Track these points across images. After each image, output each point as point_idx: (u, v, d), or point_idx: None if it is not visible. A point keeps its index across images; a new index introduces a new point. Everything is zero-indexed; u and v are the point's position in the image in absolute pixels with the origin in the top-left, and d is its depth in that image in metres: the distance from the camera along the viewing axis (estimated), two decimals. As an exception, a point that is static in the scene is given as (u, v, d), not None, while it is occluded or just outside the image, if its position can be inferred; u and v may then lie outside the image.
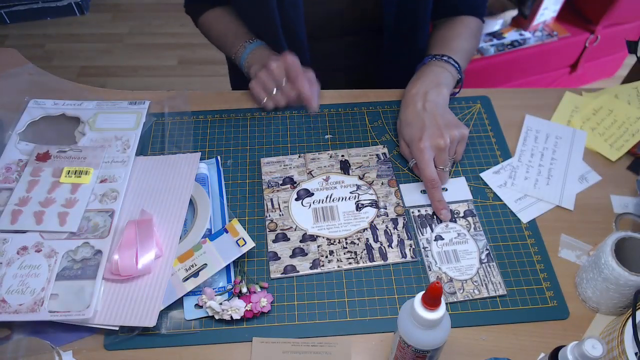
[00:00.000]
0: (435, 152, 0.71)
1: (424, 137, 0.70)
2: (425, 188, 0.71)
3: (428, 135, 0.70)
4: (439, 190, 0.70)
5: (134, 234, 0.64)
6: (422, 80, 0.76)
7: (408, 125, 0.74)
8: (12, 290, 0.60)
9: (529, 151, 0.77)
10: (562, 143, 0.78)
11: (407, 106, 0.75)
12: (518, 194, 0.73)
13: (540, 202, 0.72)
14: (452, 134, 0.71)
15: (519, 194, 0.73)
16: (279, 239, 0.69)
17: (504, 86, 1.85)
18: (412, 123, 0.73)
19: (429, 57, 0.80)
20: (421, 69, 0.80)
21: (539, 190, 0.73)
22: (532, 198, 0.72)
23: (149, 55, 2.22)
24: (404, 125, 0.74)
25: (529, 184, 0.74)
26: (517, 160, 0.76)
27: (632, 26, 1.82)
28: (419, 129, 0.72)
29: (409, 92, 0.76)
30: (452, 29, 0.86)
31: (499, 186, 0.74)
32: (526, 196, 0.73)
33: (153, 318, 0.59)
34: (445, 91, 0.76)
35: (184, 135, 0.79)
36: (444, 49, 0.81)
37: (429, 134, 0.71)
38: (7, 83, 0.85)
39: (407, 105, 0.75)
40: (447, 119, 0.73)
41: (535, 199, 0.72)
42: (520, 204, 0.72)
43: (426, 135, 0.70)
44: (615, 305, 0.61)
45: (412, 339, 0.49)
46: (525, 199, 0.72)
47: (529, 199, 0.72)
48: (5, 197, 0.69)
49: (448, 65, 0.79)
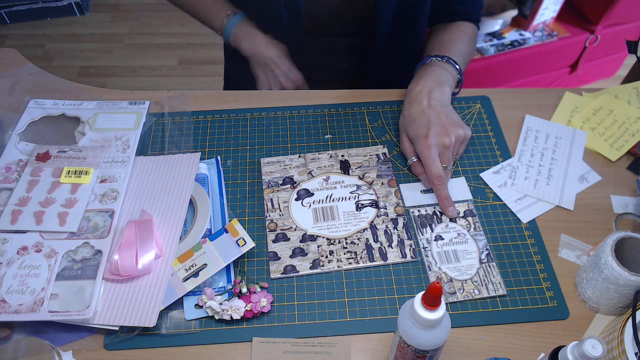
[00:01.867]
0: (440, 150, 0.71)
1: (430, 134, 0.70)
2: (431, 185, 0.71)
3: (434, 133, 0.70)
4: (446, 187, 0.70)
5: (134, 234, 0.64)
6: (424, 78, 0.76)
7: (413, 121, 0.73)
8: (12, 290, 0.60)
9: (529, 151, 0.77)
10: (562, 143, 0.78)
11: (412, 103, 0.75)
12: (518, 194, 0.73)
13: (540, 202, 0.72)
14: (457, 133, 0.71)
15: (519, 194, 0.73)
16: (279, 239, 0.69)
17: (504, 86, 1.85)
18: (417, 120, 0.73)
19: (428, 58, 0.80)
20: (422, 68, 0.80)
21: (539, 190, 0.73)
22: (532, 198, 0.72)
23: (149, 55, 2.22)
24: (409, 122, 0.74)
25: (529, 184, 0.74)
26: (517, 160, 0.77)
27: (632, 26, 1.82)
28: (425, 126, 0.72)
29: (413, 89, 0.76)
30: (450, 33, 0.86)
31: (499, 186, 0.74)
32: (526, 196, 0.73)
33: (153, 318, 0.59)
34: (448, 90, 0.76)
35: (184, 135, 0.79)
36: (443, 51, 0.81)
37: (435, 131, 0.71)
38: (7, 83, 0.85)
39: (412, 103, 0.75)
40: (451, 118, 0.73)
41: (535, 199, 0.72)
42: (520, 204, 0.72)
43: (432, 132, 0.70)
44: (615, 305, 0.61)
45: (412, 339, 0.49)
46: (525, 199, 0.72)
47: (529, 199, 0.72)
48: (5, 197, 0.69)
49: (448, 65, 0.79)
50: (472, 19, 0.89)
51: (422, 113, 0.73)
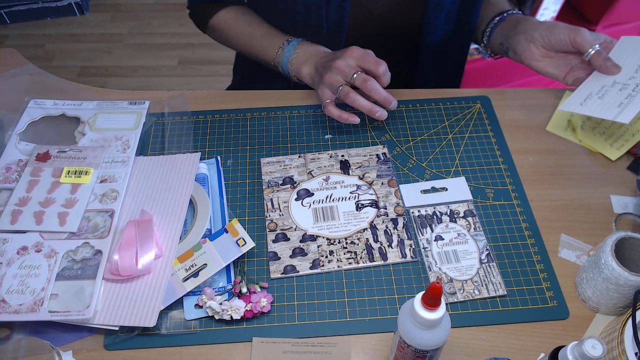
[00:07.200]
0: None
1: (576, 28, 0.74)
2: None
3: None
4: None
5: (134, 234, 0.64)
6: (525, 17, 0.81)
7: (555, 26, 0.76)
8: (12, 290, 0.60)
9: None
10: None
11: (550, 24, 0.77)
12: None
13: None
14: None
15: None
16: (279, 239, 0.69)
17: (504, 86, 1.84)
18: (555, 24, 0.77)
19: (504, 14, 0.85)
20: (509, 18, 0.84)
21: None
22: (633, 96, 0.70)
23: (149, 55, 2.22)
24: (549, 29, 0.77)
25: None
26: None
27: (632, 26, 1.82)
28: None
29: (531, 20, 0.80)
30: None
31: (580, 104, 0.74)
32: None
33: (153, 318, 0.59)
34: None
35: (184, 135, 0.79)
36: (507, 7, 0.87)
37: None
38: (7, 83, 0.85)
39: (548, 24, 0.77)
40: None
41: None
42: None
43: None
44: (615, 305, 0.61)
45: (412, 339, 0.49)
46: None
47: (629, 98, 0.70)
48: (5, 197, 0.69)
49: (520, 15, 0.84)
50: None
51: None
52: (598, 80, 0.75)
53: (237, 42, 0.90)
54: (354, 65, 0.74)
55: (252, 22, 0.88)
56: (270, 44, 0.84)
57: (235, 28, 0.89)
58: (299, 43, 0.82)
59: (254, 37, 0.87)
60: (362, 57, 0.74)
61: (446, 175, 0.75)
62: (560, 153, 0.79)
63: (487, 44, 0.88)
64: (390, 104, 0.74)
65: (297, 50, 0.82)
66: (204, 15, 0.92)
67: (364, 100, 0.73)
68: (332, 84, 0.75)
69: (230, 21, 0.89)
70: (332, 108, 0.75)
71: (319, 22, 0.81)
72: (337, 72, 0.74)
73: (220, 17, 0.90)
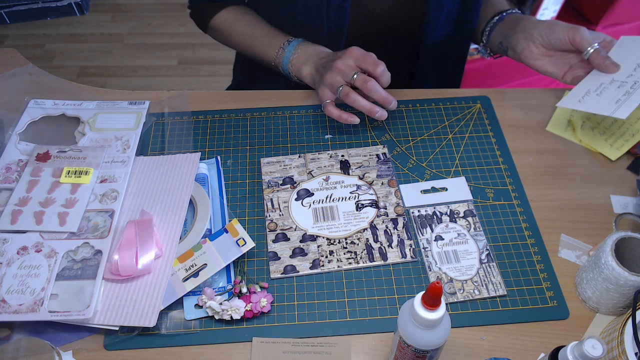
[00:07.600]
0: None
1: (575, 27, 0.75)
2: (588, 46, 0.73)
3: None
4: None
5: (134, 234, 0.64)
6: (525, 17, 0.82)
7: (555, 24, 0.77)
8: (12, 290, 0.60)
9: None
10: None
11: (550, 23, 0.78)
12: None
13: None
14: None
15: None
16: (279, 239, 0.69)
17: (504, 86, 1.84)
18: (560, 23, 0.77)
19: (503, 14, 0.85)
20: (509, 17, 0.84)
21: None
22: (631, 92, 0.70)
23: (149, 55, 2.22)
24: (548, 28, 0.77)
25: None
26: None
27: (632, 26, 1.82)
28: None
29: (531, 19, 0.80)
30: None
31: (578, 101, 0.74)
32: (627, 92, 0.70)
33: (153, 318, 0.59)
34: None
35: (184, 135, 0.79)
36: (506, 6, 0.88)
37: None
38: (7, 83, 0.85)
39: (548, 23, 0.78)
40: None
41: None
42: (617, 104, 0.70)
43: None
44: (615, 305, 0.61)
45: (412, 339, 0.49)
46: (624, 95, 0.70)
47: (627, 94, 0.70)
48: (5, 197, 0.69)
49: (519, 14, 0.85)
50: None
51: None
52: (597, 78, 0.75)
53: (238, 42, 0.90)
54: (353, 65, 0.74)
55: (253, 22, 0.88)
56: (270, 44, 0.85)
57: (235, 28, 0.89)
58: (300, 43, 0.82)
59: (254, 37, 0.87)
60: (362, 58, 0.74)
61: (446, 175, 0.75)
62: (560, 153, 0.79)
63: (487, 43, 0.88)
64: (390, 104, 0.74)
65: (298, 50, 0.82)
66: (204, 15, 0.92)
67: (364, 100, 0.74)
68: (333, 84, 0.75)
69: (231, 21, 0.90)
70: (332, 108, 0.76)
71: (319, 22, 0.81)
72: (338, 72, 0.74)
73: (221, 17, 0.90)
